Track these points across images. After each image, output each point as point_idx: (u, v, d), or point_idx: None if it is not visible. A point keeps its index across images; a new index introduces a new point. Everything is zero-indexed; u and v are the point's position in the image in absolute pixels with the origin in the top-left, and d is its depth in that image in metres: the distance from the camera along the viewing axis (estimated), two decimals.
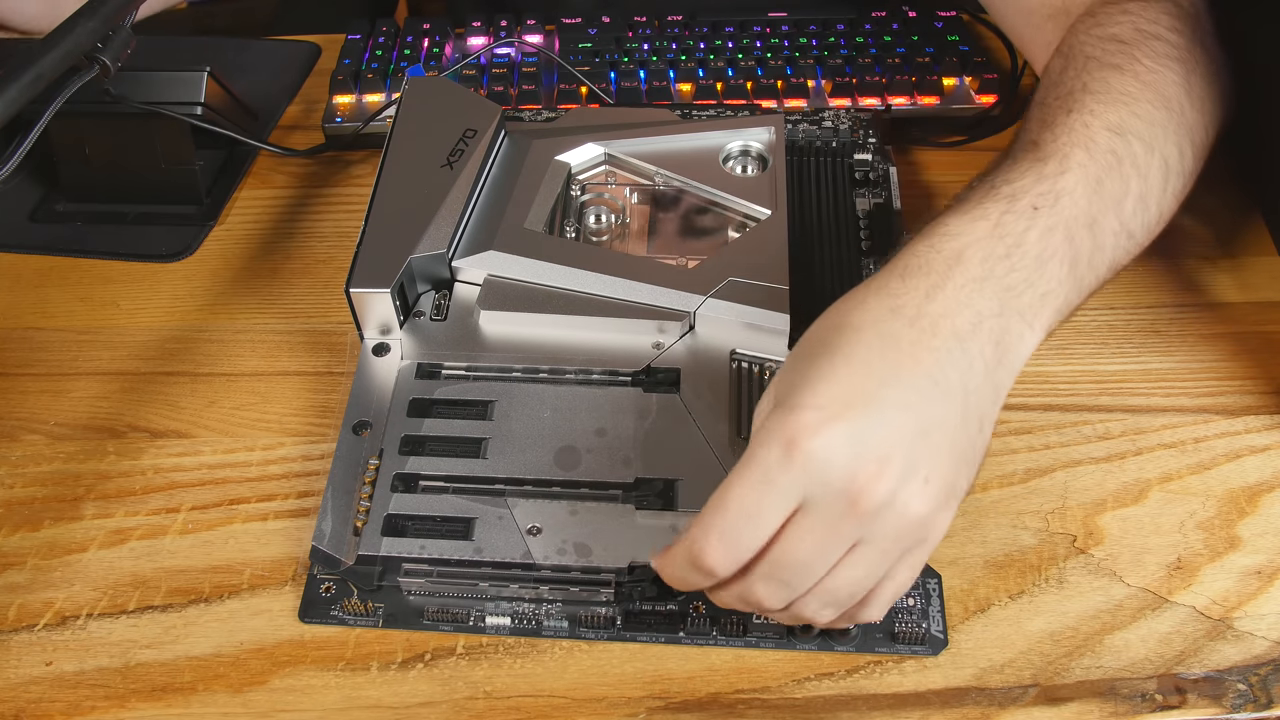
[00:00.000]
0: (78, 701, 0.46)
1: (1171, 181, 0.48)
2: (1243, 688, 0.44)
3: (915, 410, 0.38)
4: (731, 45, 0.75)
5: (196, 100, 0.65)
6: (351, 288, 0.53)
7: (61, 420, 0.56)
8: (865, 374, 0.38)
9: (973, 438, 0.40)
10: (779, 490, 0.37)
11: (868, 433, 0.37)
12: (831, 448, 0.37)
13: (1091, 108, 0.46)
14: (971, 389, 0.39)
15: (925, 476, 0.38)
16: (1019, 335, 0.41)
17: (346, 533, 0.47)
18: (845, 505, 0.37)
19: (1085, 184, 0.44)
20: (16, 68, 0.47)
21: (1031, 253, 0.42)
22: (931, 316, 0.39)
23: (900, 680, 0.45)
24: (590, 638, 0.47)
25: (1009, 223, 0.42)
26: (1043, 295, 0.42)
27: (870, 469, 0.37)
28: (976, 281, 0.40)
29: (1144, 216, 0.46)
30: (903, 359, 0.39)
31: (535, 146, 0.61)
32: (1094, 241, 0.44)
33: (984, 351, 0.40)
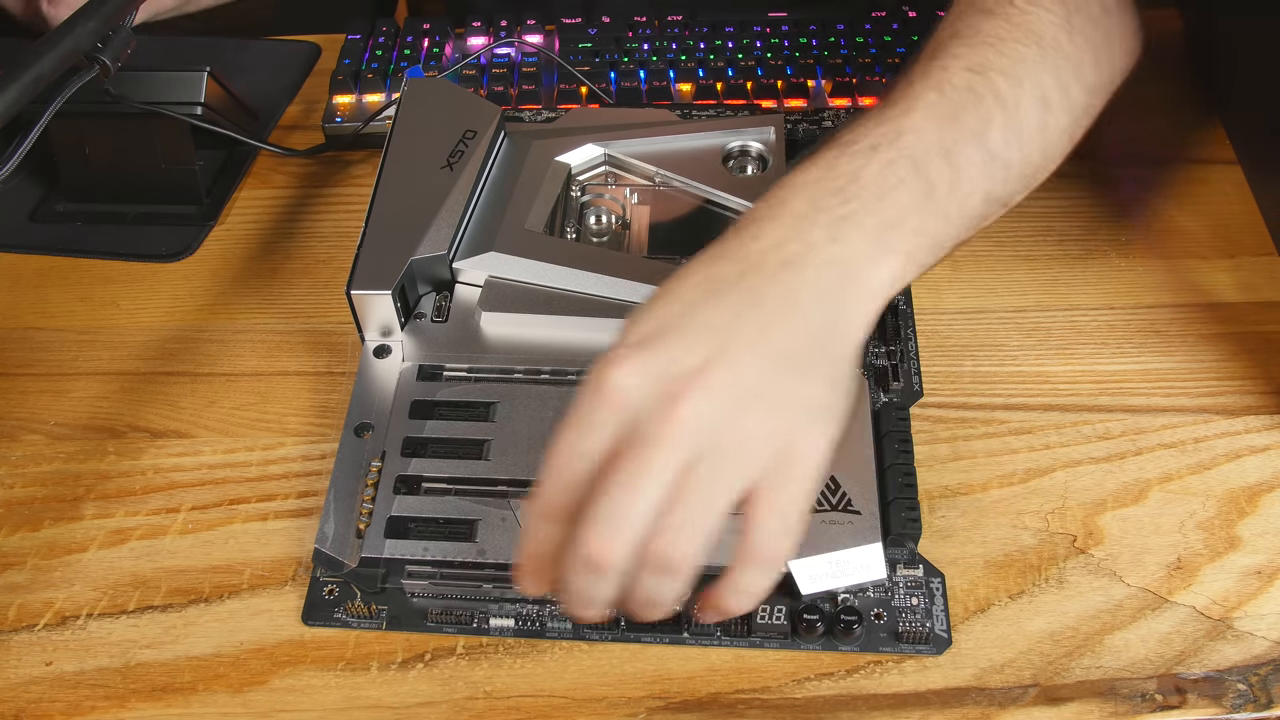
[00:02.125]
0: (78, 701, 0.46)
1: (1055, 116, 0.47)
2: (1243, 688, 0.44)
3: (733, 331, 0.38)
4: (731, 45, 0.75)
5: (196, 100, 0.65)
6: (352, 290, 0.53)
7: (61, 420, 0.56)
8: (679, 307, 0.39)
9: (819, 354, 0.39)
10: (595, 426, 0.37)
11: (676, 356, 0.37)
12: (636, 376, 0.37)
13: (955, 52, 0.46)
14: (810, 311, 0.39)
15: (755, 392, 0.37)
16: (867, 257, 0.40)
17: (349, 535, 0.47)
18: (657, 425, 0.36)
19: (934, 119, 0.43)
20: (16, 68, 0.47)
21: (869, 186, 0.41)
22: (757, 252, 0.40)
23: (900, 680, 0.45)
24: (594, 639, 0.47)
25: (843, 164, 0.42)
26: (892, 222, 0.41)
27: (677, 387, 0.37)
28: (803, 217, 0.41)
29: (1021, 147, 0.45)
30: (722, 289, 0.39)
31: (535, 147, 0.61)
32: (952, 170, 0.43)
33: (819, 276, 0.39)
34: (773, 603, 0.46)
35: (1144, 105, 0.71)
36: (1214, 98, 0.70)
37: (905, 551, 0.48)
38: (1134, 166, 0.67)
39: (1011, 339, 0.58)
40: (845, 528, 0.47)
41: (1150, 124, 0.69)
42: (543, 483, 0.39)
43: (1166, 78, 0.72)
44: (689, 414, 0.36)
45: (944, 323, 0.58)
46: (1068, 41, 0.48)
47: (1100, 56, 0.49)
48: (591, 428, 0.38)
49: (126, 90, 0.63)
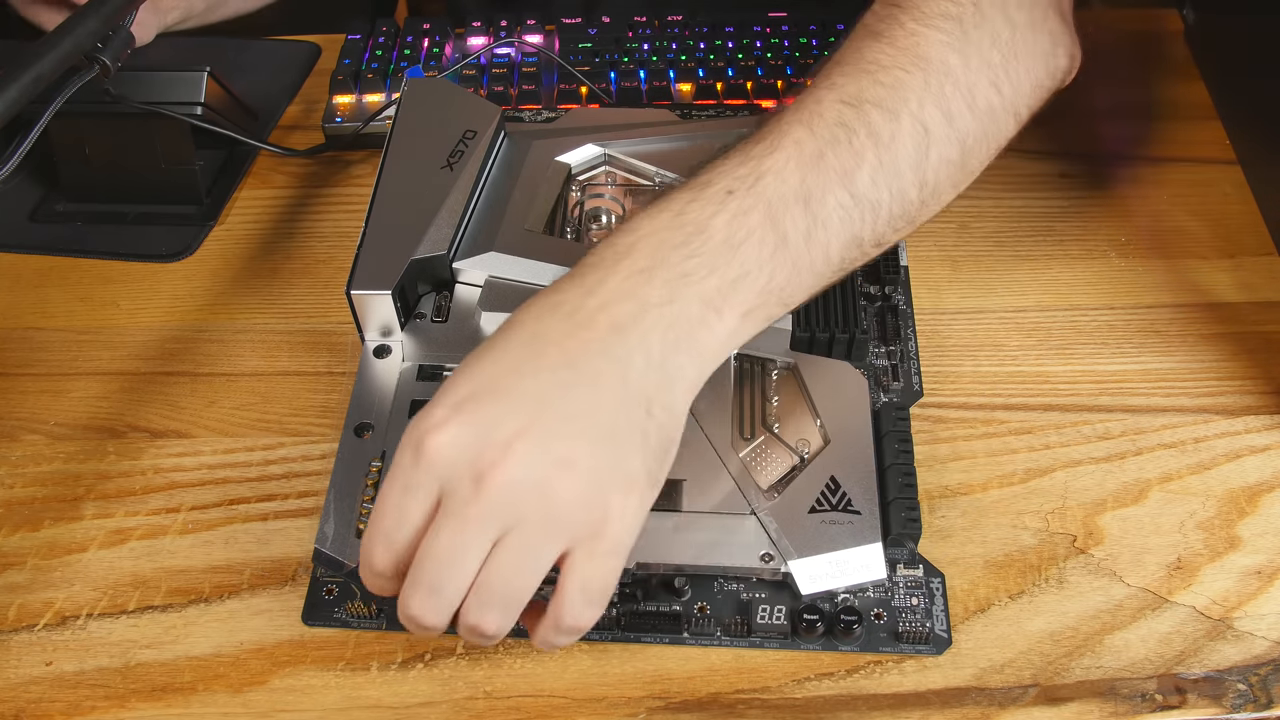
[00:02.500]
0: (78, 701, 0.46)
1: (937, 147, 0.44)
2: (1243, 688, 0.44)
3: (550, 398, 0.38)
4: (731, 45, 0.75)
5: (196, 100, 0.65)
6: (352, 290, 0.53)
7: (61, 420, 0.56)
8: (502, 367, 0.39)
9: (637, 421, 0.39)
10: (415, 489, 0.38)
11: (492, 421, 0.37)
12: (453, 440, 0.37)
13: (833, 81, 0.44)
14: (632, 377, 0.39)
15: (566, 460, 0.37)
16: (700, 320, 0.40)
17: (349, 535, 0.47)
18: (471, 491, 0.37)
19: (798, 160, 0.42)
20: (16, 68, 0.47)
21: (717, 238, 0.40)
22: (588, 310, 0.39)
23: (900, 680, 0.45)
24: (594, 639, 0.47)
25: (693, 210, 0.41)
26: (734, 280, 0.40)
27: (492, 454, 0.37)
28: (643, 272, 0.40)
29: (894, 184, 0.43)
30: (547, 349, 0.39)
31: (535, 147, 0.61)
32: (810, 218, 0.41)
33: (647, 339, 0.39)
34: (773, 603, 0.46)
35: (1144, 105, 0.71)
36: (1214, 98, 0.70)
37: (905, 551, 0.48)
38: (1134, 166, 0.67)
39: (1011, 339, 0.58)
40: (845, 528, 0.47)
41: (1150, 124, 0.69)
42: (367, 542, 0.39)
43: (1166, 78, 0.73)
44: (500, 483, 0.37)
45: (944, 323, 0.58)
46: (960, 64, 0.45)
47: (1002, 79, 0.46)
48: (408, 490, 0.38)
49: (126, 90, 0.63)
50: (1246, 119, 0.66)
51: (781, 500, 0.47)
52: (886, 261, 0.58)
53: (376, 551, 0.39)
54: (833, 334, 0.53)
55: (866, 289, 0.58)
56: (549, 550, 0.38)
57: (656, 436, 0.39)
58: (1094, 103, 0.71)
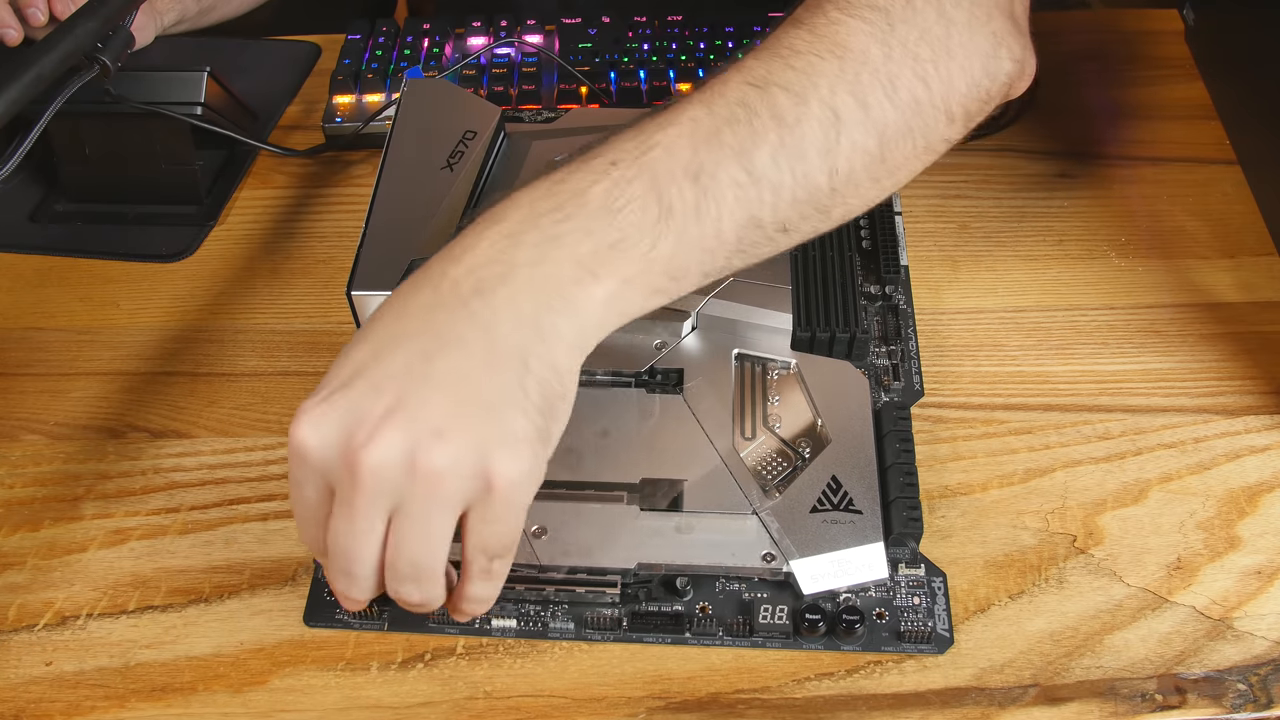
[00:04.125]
0: (78, 701, 0.46)
1: (850, 133, 0.42)
2: (1243, 688, 0.44)
3: (415, 370, 0.37)
4: (731, 45, 0.75)
5: (196, 100, 0.65)
6: (353, 290, 0.53)
7: (61, 420, 0.56)
8: (370, 348, 0.38)
9: (513, 379, 0.38)
10: (302, 483, 0.38)
11: (358, 403, 0.37)
12: (322, 430, 0.37)
13: (743, 64, 0.43)
14: (500, 336, 0.38)
15: (437, 429, 0.37)
16: (574, 280, 0.39)
17: None
18: (347, 476, 0.37)
19: (690, 137, 0.41)
20: (16, 68, 0.47)
21: (594, 204, 0.39)
22: (453, 278, 0.39)
23: (900, 680, 0.45)
24: (597, 639, 0.47)
25: (573, 180, 0.40)
26: (613, 244, 0.39)
27: (359, 436, 0.37)
28: (510, 236, 0.39)
29: (798, 167, 0.42)
30: (410, 322, 0.38)
31: (535, 148, 0.61)
32: (699, 192, 0.40)
33: (516, 300, 0.38)
34: (774, 602, 0.46)
35: (1144, 105, 0.71)
36: (1214, 98, 0.70)
37: (907, 551, 0.48)
38: (1134, 166, 0.67)
39: (1011, 339, 0.58)
40: (847, 527, 0.47)
41: (1150, 124, 0.69)
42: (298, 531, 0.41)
43: (1166, 78, 0.73)
44: (373, 462, 0.36)
45: (944, 323, 0.58)
46: (880, 55, 0.43)
47: (930, 73, 0.44)
48: (298, 484, 0.39)
49: (126, 90, 0.63)
50: (1246, 119, 0.66)
51: (783, 500, 0.47)
52: (887, 261, 0.58)
53: (306, 538, 0.41)
54: (833, 334, 0.53)
55: (867, 289, 0.58)
56: (440, 520, 0.38)
57: (538, 392, 0.38)
58: (1094, 103, 0.71)
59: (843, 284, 0.55)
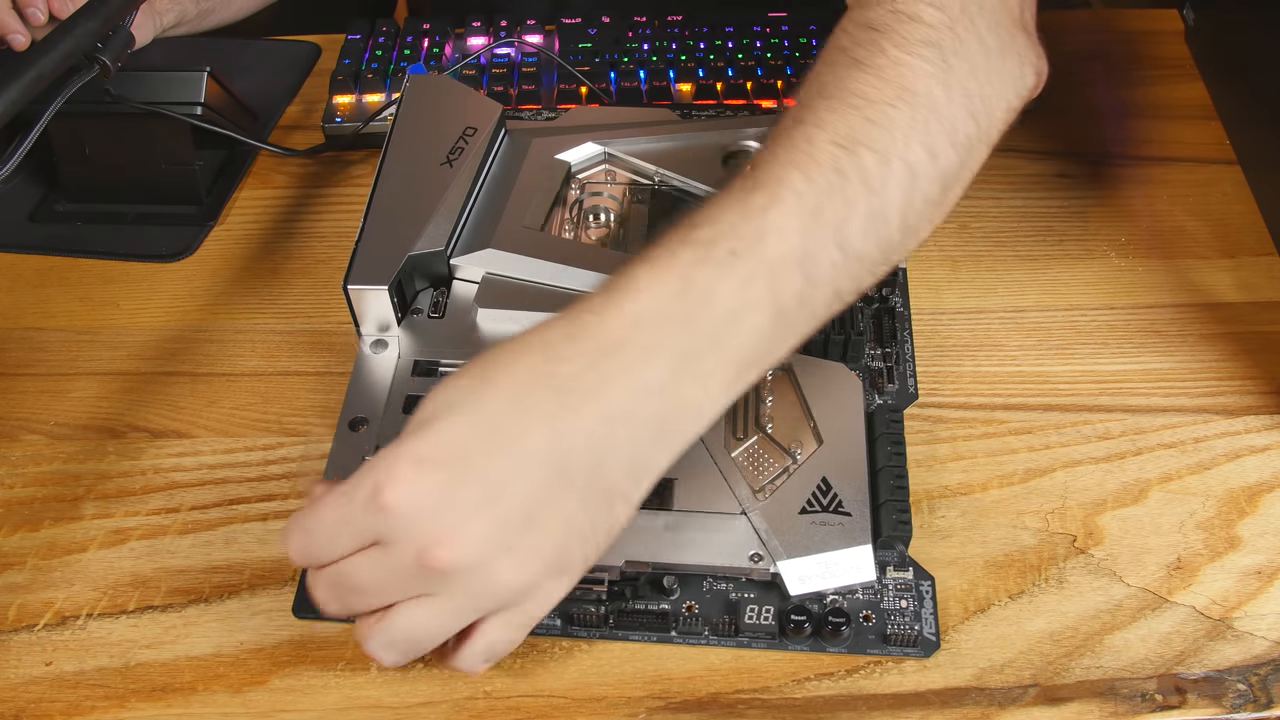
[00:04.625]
0: (78, 701, 0.46)
1: (921, 187, 0.43)
2: (1243, 688, 0.44)
3: (519, 490, 0.37)
4: (731, 45, 0.75)
5: (196, 100, 0.65)
6: (349, 284, 0.53)
7: (61, 420, 0.56)
8: (480, 437, 0.37)
9: (597, 517, 0.39)
10: (355, 528, 0.38)
11: (453, 498, 0.37)
12: (411, 505, 0.36)
13: (821, 118, 0.42)
14: (605, 471, 0.38)
15: (512, 549, 0.37)
16: (688, 403, 0.39)
17: None
18: (411, 560, 0.37)
19: (799, 216, 0.40)
20: (16, 68, 0.47)
21: (721, 309, 0.39)
22: (581, 392, 0.38)
23: (900, 680, 0.45)
24: (582, 636, 0.47)
25: (699, 276, 0.39)
26: (732, 353, 0.39)
27: (443, 534, 0.36)
28: (646, 351, 0.38)
29: (881, 232, 0.42)
30: (528, 431, 0.37)
31: (535, 145, 0.61)
32: (806, 280, 0.40)
33: (635, 434, 0.38)
34: (761, 603, 0.46)
35: (1144, 105, 0.71)
36: (1214, 98, 0.70)
37: (895, 554, 0.48)
38: (1134, 166, 0.67)
39: (1011, 339, 0.58)
40: (835, 529, 0.46)
41: (1150, 124, 0.69)
42: (291, 530, 0.39)
43: (1166, 78, 0.73)
44: (442, 562, 0.37)
45: (943, 323, 0.58)
46: (943, 96, 0.44)
47: (978, 108, 0.45)
48: (352, 527, 0.38)
49: (126, 90, 0.63)
50: (1246, 119, 0.66)
51: (772, 500, 0.47)
52: None
53: (295, 543, 0.39)
54: (828, 335, 0.53)
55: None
56: (468, 619, 0.39)
57: (606, 534, 0.39)
58: (1094, 103, 0.71)
59: None
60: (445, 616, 0.39)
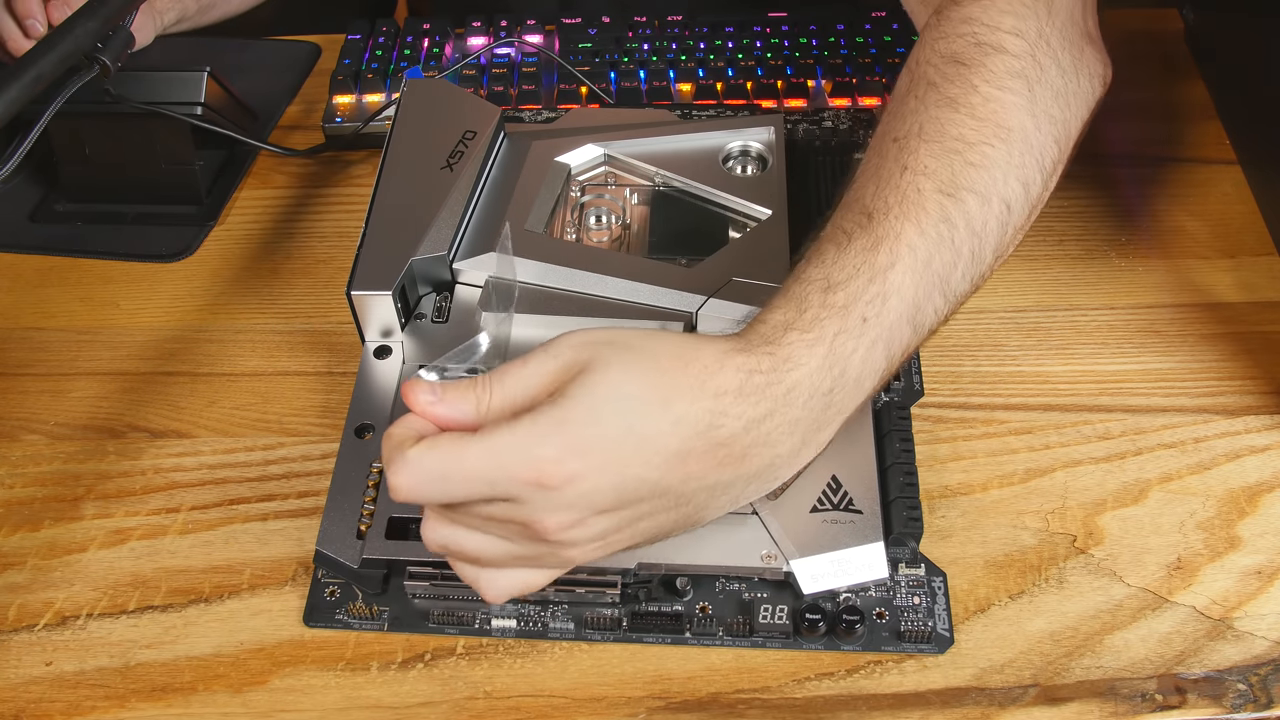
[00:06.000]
0: (78, 701, 0.46)
1: (1014, 219, 0.45)
2: (1243, 688, 0.44)
3: (645, 515, 0.40)
4: (731, 45, 0.75)
5: (196, 100, 0.65)
6: (353, 290, 0.53)
7: (61, 420, 0.56)
8: (638, 464, 0.38)
9: (678, 526, 0.41)
10: (499, 488, 0.38)
11: (594, 498, 0.38)
12: (554, 499, 0.38)
13: (925, 164, 0.44)
14: (708, 512, 0.41)
15: (600, 538, 0.40)
16: (798, 458, 0.42)
17: (350, 536, 0.47)
18: (527, 534, 0.39)
19: (913, 272, 0.42)
20: (16, 68, 0.47)
21: (851, 377, 0.41)
22: (733, 452, 0.39)
23: (900, 680, 0.45)
24: (597, 639, 0.47)
25: (840, 349, 0.41)
26: (843, 417, 0.42)
27: (568, 531, 0.38)
28: (791, 424, 0.40)
29: (978, 271, 0.45)
30: (676, 473, 0.39)
31: (535, 148, 0.61)
32: (914, 332, 0.43)
33: (751, 489, 0.41)
34: (774, 602, 0.46)
35: (1144, 105, 0.71)
36: (1214, 98, 0.70)
37: (907, 551, 0.48)
38: (1134, 166, 0.67)
39: (1011, 339, 0.58)
40: (847, 527, 0.47)
41: (1150, 124, 0.69)
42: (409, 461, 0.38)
43: (1166, 78, 0.73)
44: (559, 539, 0.39)
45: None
46: (1033, 128, 0.45)
47: (1060, 132, 0.46)
48: (499, 482, 0.38)
49: (126, 90, 0.63)
50: (1246, 119, 0.66)
51: (783, 500, 0.47)
52: None
53: (407, 474, 0.38)
54: None
55: None
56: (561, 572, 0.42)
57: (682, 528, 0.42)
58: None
59: None
60: (548, 575, 0.42)
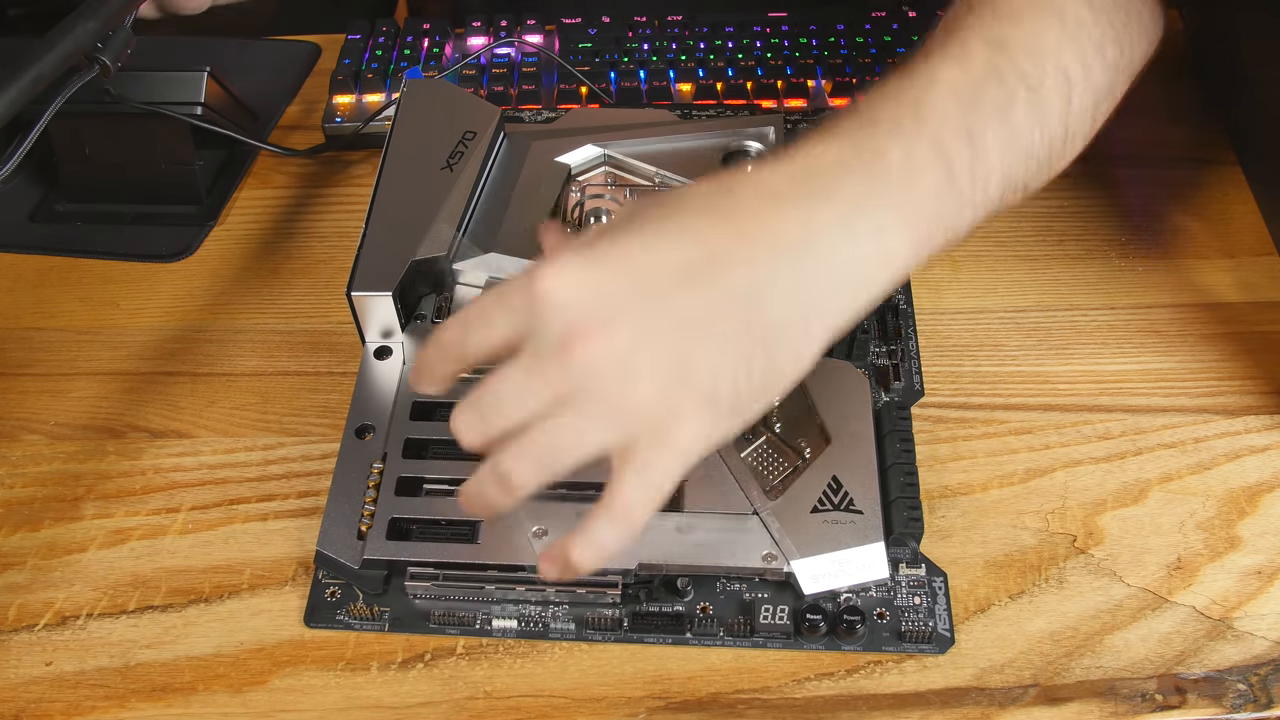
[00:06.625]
0: (78, 701, 0.46)
1: (1078, 94, 0.45)
2: (1243, 688, 0.44)
3: (674, 301, 0.36)
4: (731, 45, 0.75)
5: (196, 100, 0.65)
6: (353, 291, 0.53)
7: (61, 420, 0.56)
8: (646, 250, 0.37)
9: (754, 355, 0.37)
10: (509, 310, 0.38)
11: (608, 289, 0.36)
12: (563, 290, 0.36)
13: (972, 25, 0.44)
14: (767, 306, 0.37)
15: (655, 358, 0.36)
16: (865, 253, 0.39)
17: (351, 537, 0.47)
18: (554, 349, 0.36)
19: (956, 98, 0.41)
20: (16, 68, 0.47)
21: (895, 164, 0.39)
22: (753, 225, 0.37)
23: (900, 680, 0.45)
24: (598, 640, 0.47)
25: (868, 140, 0.40)
26: (909, 209, 0.40)
27: (589, 327, 0.36)
28: (819, 195, 0.38)
29: (1044, 127, 0.44)
30: (693, 251, 0.37)
31: (535, 148, 0.61)
32: (973, 153, 0.41)
33: (801, 274, 0.37)
34: (775, 602, 0.47)
35: (1144, 105, 0.70)
36: (1214, 98, 0.70)
37: (907, 551, 0.48)
38: (1134, 166, 0.67)
39: (1011, 339, 0.58)
40: (847, 527, 0.47)
41: (1150, 124, 0.69)
42: (451, 322, 0.40)
43: (1167, 78, 0.72)
44: (583, 357, 0.36)
45: (944, 323, 0.58)
46: (1090, 17, 0.46)
47: (1121, 36, 0.47)
48: (504, 307, 0.38)
49: (126, 90, 0.63)
50: (1246, 119, 0.66)
51: (783, 500, 0.47)
52: None
53: (449, 332, 0.39)
54: None
55: None
56: (602, 436, 0.37)
57: (763, 380, 0.38)
58: None
59: None
60: (579, 428, 0.37)
